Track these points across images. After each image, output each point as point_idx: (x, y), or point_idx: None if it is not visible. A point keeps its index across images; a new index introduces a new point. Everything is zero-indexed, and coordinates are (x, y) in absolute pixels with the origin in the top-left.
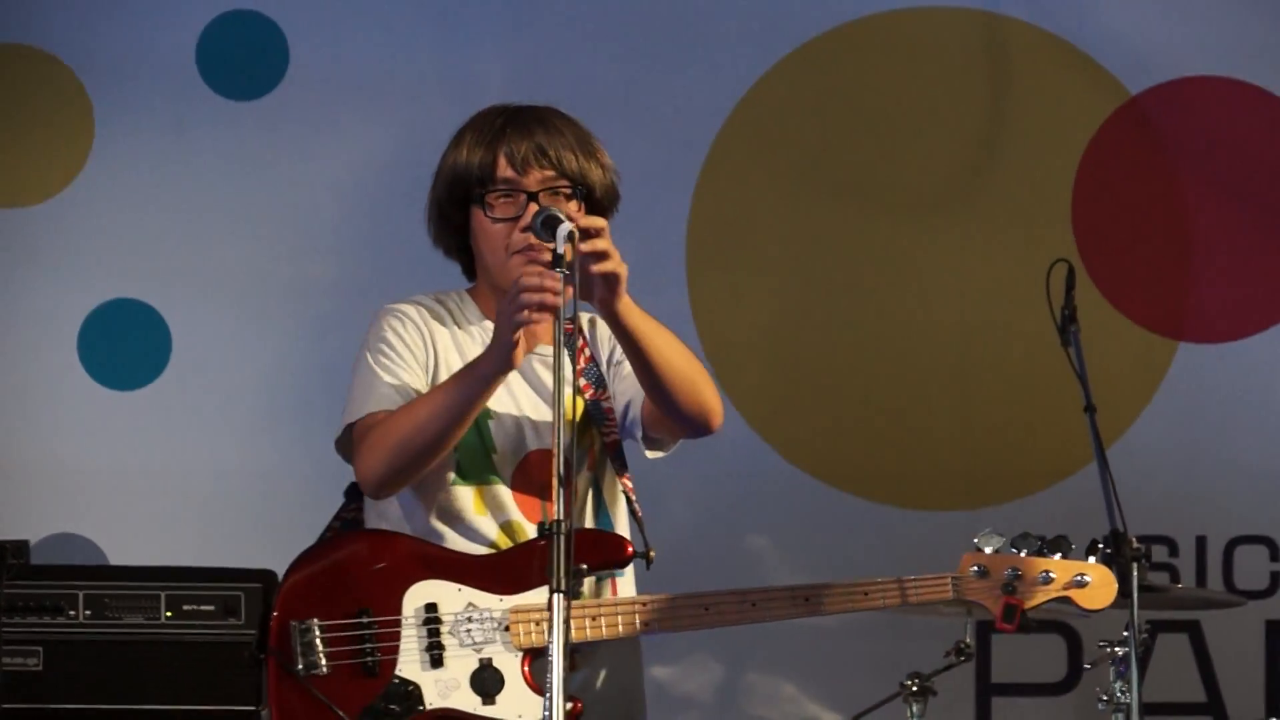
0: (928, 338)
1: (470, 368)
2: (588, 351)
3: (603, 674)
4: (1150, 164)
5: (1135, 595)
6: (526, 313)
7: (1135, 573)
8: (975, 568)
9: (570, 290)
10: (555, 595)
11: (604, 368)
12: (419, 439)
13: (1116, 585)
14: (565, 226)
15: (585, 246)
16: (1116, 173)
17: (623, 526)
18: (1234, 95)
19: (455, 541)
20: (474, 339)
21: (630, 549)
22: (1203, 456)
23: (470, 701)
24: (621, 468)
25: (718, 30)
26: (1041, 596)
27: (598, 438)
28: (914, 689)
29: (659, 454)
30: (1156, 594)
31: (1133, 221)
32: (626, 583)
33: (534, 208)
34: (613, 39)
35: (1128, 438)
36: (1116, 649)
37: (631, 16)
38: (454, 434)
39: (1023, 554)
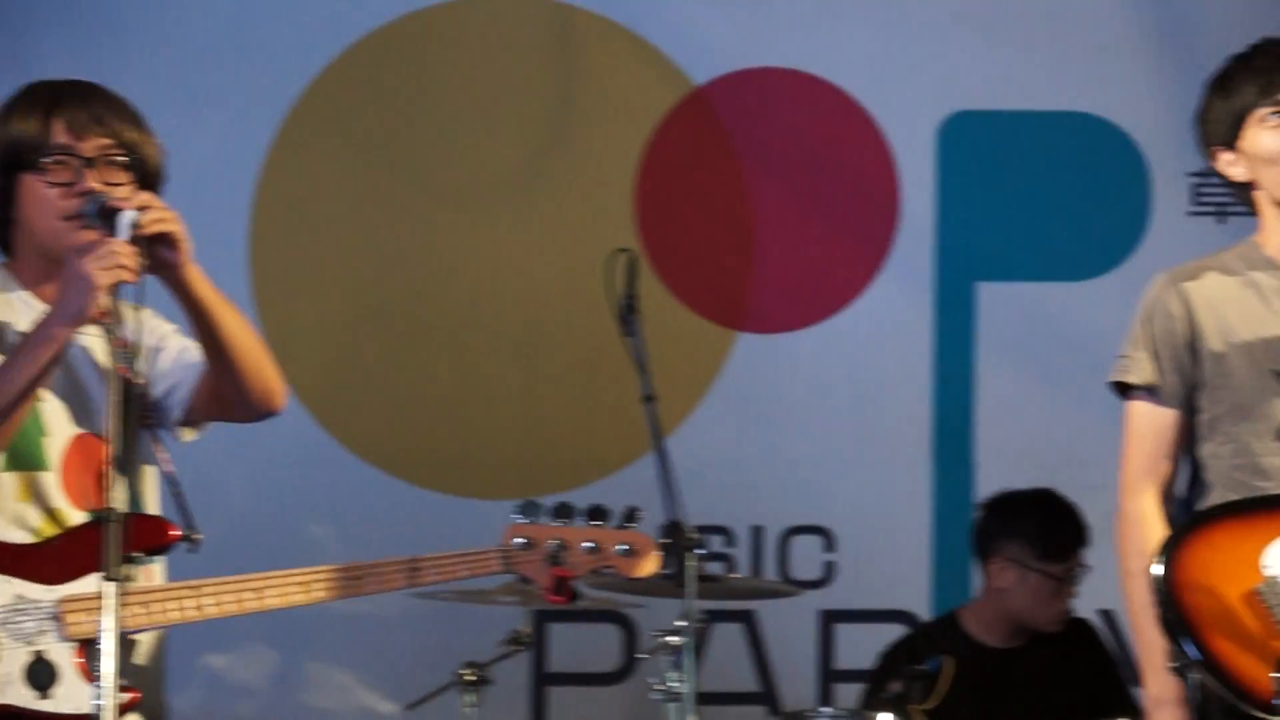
0: (491, 326)
1: (35, 332)
2: (125, 336)
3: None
4: (713, 154)
5: (691, 585)
6: (115, 269)
7: (691, 562)
8: (519, 540)
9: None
10: (108, 583)
11: (143, 354)
12: None
13: (659, 552)
14: (126, 215)
15: (146, 226)
16: (680, 163)
17: (154, 512)
18: (795, 86)
19: None
20: (16, 309)
21: (175, 532)
22: (760, 446)
23: (25, 696)
24: (159, 452)
25: (284, 18)
26: (587, 566)
27: (136, 423)
28: (470, 678)
29: (195, 435)
30: (712, 583)
31: (695, 212)
32: (156, 569)
33: (89, 174)
34: (175, 27)
35: (686, 427)
36: (671, 638)
37: (193, 3)
38: (26, 406)
39: (565, 524)
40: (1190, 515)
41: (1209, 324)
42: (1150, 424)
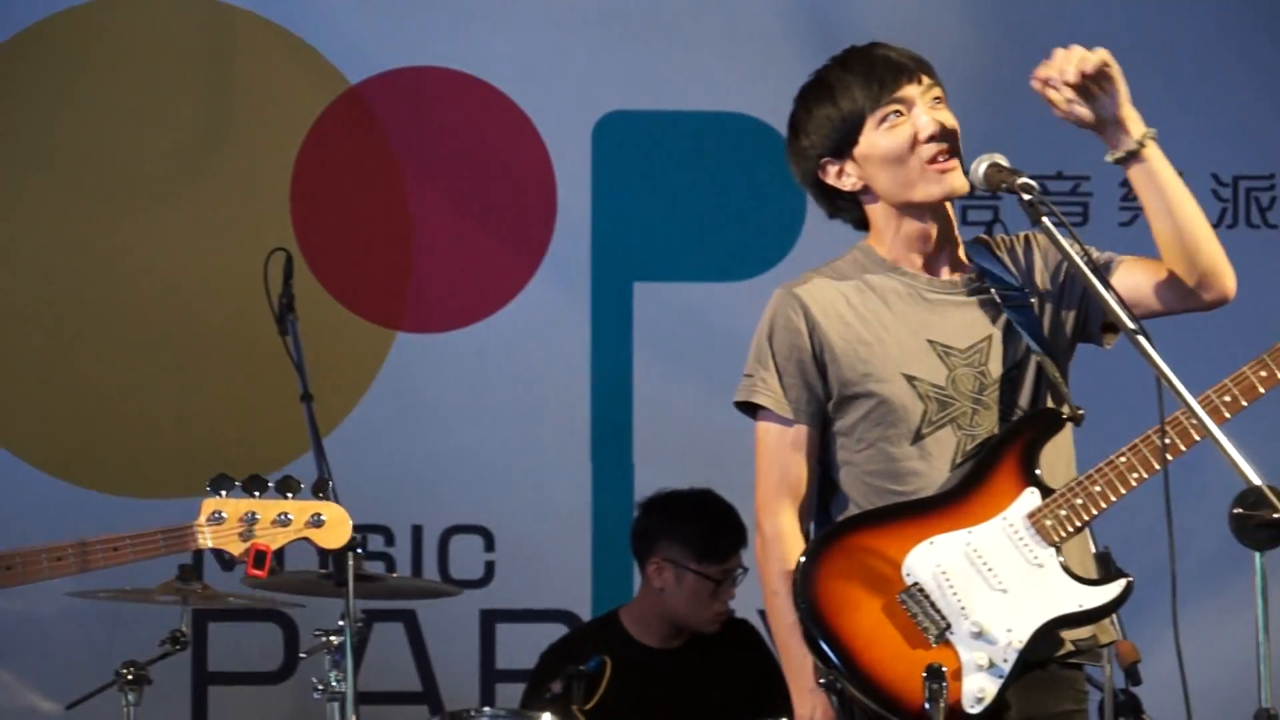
0: (148, 326)
1: None
2: None
3: None
4: (370, 154)
5: (350, 584)
6: None
7: (350, 561)
8: (213, 513)
9: None
10: None
11: None
12: None
13: (350, 522)
14: None
15: None
16: (336, 163)
17: None
18: (451, 85)
19: None
20: None
21: None
22: (420, 445)
23: None
24: None
25: None
26: (284, 538)
27: None
28: (129, 677)
29: None
30: (372, 583)
31: (353, 211)
32: None
33: None
34: None
35: (345, 426)
36: (332, 638)
37: None
38: None
39: (257, 497)
40: (829, 527)
41: (833, 332)
42: (780, 441)
